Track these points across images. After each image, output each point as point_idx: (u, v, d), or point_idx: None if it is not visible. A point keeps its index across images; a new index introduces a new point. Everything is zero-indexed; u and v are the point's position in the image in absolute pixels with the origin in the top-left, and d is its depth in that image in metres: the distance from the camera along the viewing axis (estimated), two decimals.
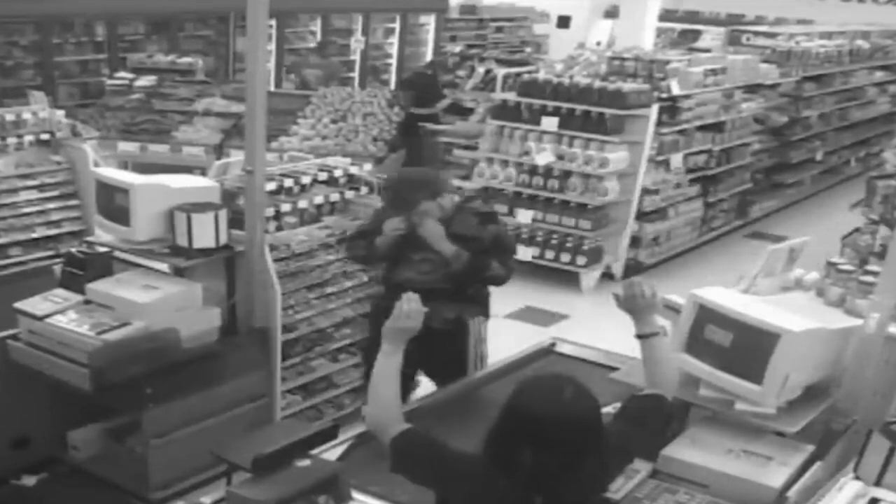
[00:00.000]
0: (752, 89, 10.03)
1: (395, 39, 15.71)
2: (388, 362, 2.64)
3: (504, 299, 7.82)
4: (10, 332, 4.40)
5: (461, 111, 10.14)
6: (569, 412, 2.27)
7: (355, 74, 14.64)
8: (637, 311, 2.82)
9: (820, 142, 12.09)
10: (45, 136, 6.92)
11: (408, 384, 4.14)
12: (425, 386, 4.59)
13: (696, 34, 15.39)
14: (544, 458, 2.25)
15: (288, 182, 5.22)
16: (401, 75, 15.30)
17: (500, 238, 4.32)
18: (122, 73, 11.00)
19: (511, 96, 8.39)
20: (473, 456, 2.39)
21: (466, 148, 9.22)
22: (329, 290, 5.30)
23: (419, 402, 3.86)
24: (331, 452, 3.19)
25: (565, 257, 8.05)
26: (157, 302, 4.29)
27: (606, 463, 2.42)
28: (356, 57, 14.86)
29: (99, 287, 4.41)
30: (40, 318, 4.27)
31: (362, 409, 2.68)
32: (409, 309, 2.65)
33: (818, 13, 12.00)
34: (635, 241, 8.41)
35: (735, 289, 3.66)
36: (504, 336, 4.74)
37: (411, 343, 2.69)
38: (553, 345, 4.42)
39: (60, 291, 4.48)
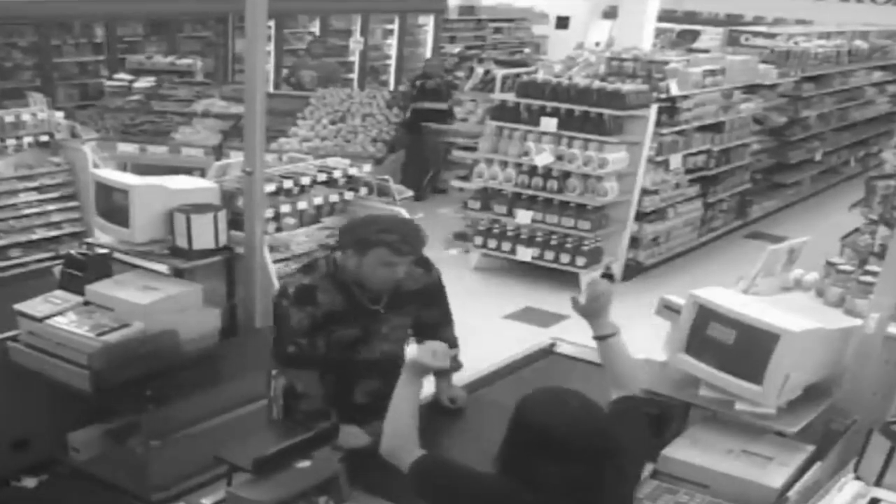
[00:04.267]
0: (751, 90, 10.04)
1: (393, 40, 15.70)
2: (406, 392, 2.64)
3: (504, 300, 7.91)
4: (10, 333, 4.38)
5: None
6: (585, 421, 2.26)
7: (354, 75, 14.64)
8: (595, 314, 2.79)
9: (819, 142, 12.09)
10: (44, 138, 6.91)
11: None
12: (426, 387, 4.58)
13: (695, 34, 15.38)
14: (571, 471, 2.23)
15: (287, 183, 5.21)
16: (399, 76, 15.31)
17: (440, 278, 3.76)
18: (121, 75, 11.02)
19: (510, 97, 8.38)
20: (493, 476, 2.35)
21: (466, 148, 9.23)
22: None
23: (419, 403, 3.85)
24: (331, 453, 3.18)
25: (565, 258, 8.05)
26: (157, 303, 4.28)
27: (627, 469, 2.44)
28: (355, 58, 14.86)
29: (98, 288, 4.40)
30: (40, 320, 4.25)
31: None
32: (436, 349, 2.64)
33: (817, 13, 11.98)
34: (635, 242, 8.41)
35: (735, 289, 3.66)
36: (504, 336, 4.73)
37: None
38: (553, 345, 4.41)
39: (60, 293, 4.47)
